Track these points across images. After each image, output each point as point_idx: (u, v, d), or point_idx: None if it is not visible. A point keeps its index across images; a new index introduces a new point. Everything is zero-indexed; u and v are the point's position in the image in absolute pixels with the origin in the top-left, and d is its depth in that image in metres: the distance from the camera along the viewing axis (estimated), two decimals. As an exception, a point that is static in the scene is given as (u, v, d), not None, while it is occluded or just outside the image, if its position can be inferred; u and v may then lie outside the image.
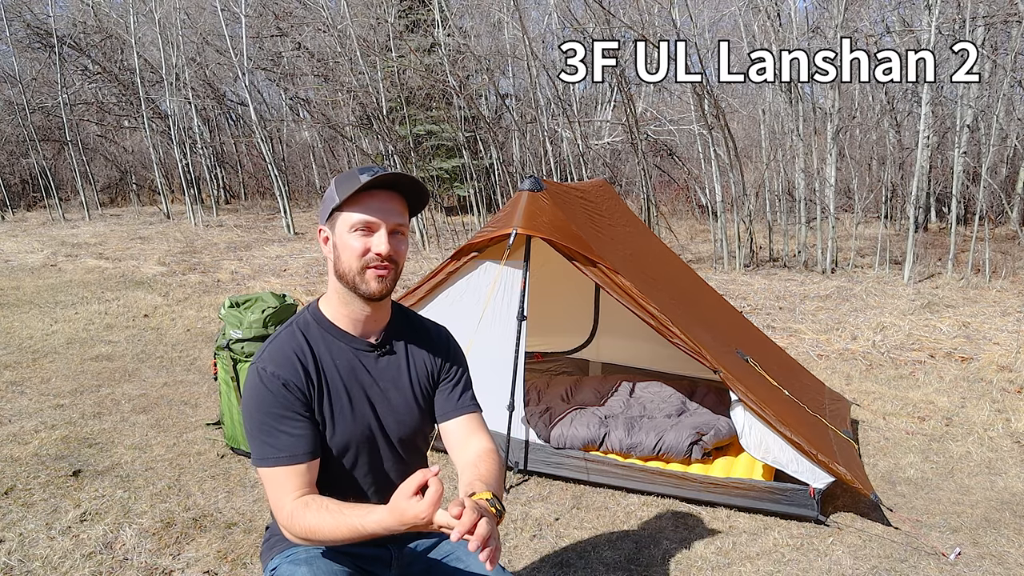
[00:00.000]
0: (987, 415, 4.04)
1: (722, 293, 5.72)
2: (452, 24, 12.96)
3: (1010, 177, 11.52)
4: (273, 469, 1.31)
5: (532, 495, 3.11)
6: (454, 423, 1.52)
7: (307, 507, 1.27)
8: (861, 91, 13.17)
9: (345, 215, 1.36)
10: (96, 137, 19.59)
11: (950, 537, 2.77)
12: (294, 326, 1.44)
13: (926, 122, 8.74)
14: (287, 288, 7.69)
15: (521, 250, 3.18)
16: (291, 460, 1.31)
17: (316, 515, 1.25)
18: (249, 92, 14.23)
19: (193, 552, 2.61)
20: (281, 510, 1.30)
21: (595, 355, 4.61)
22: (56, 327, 6.04)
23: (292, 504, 1.29)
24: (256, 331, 3.31)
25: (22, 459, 3.39)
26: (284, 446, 1.31)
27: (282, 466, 1.31)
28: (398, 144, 12.50)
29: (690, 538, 2.75)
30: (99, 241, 11.66)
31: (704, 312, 3.64)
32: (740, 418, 2.95)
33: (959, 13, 9.01)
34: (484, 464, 1.42)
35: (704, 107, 9.11)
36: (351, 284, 1.38)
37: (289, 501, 1.29)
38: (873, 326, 6.00)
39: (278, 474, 1.31)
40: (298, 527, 1.27)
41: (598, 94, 16.53)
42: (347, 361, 1.43)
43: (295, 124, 19.98)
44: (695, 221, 13.18)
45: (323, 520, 1.24)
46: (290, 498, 1.30)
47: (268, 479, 1.32)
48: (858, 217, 10.70)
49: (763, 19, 10.38)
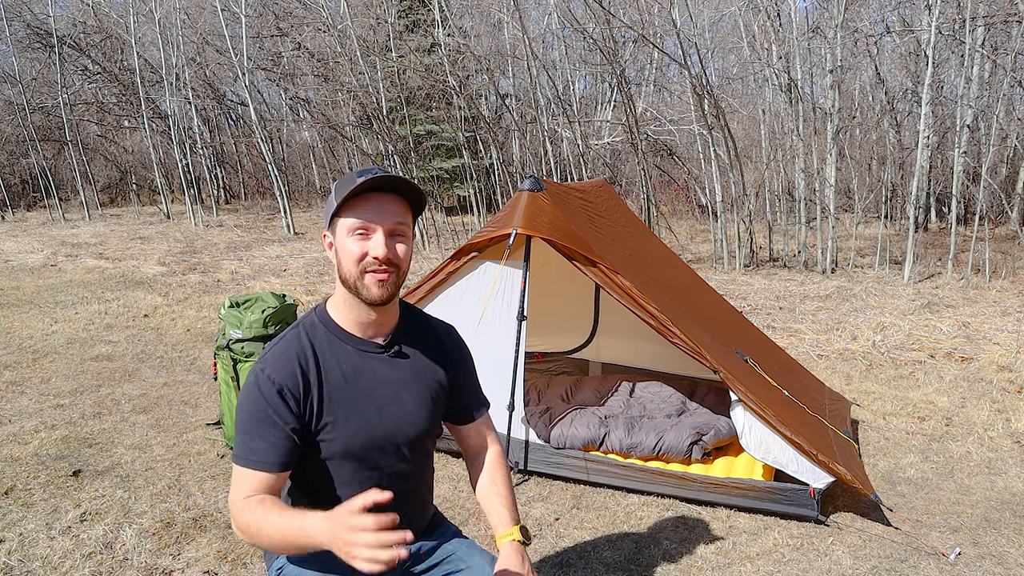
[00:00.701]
0: (987, 415, 4.04)
1: (722, 293, 5.72)
2: (452, 24, 12.97)
3: (1010, 177, 11.51)
4: (242, 469, 1.33)
5: (532, 495, 3.11)
6: (470, 427, 1.63)
7: (259, 504, 1.28)
8: (861, 91, 13.17)
9: (343, 219, 1.36)
10: (96, 137, 19.59)
11: (950, 537, 2.77)
12: (300, 328, 1.43)
13: (926, 122, 8.74)
14: (287, 288, 7.69)
15: (521, 250, 3.18)
16: (261, 466, 1.32)
17: (261, 512, 1.26)
18: (249, 92, 14.22)
19: (193, 552, 2.61)
20: (235, 502, 1.32)
21: (595, 355, 4.61)
22: (56, 327, 6.04)
23: (244, 500, 1.30)
24: (256, 331, 3.31)
25: (22, 459, 3.39)
26: (259, 450, 1.33)
27: (251, 469, 1.32)
28: (398, 144, 12.50)
29: (690, 538, 2.75)
30: (99, 241, 11.66)
31: (704, 312, 3.64)
32: (740, 418, 2.95)
33: (959, 13, 9.01)
34: (499, 476, 1.59)
35: (704, 107, 9.11)
36: (353, 289, 1.38)
37: (243, 497, 1.32)
38: (873, 326, 6.00)
39: (245, 474, 1.33)
40: (241, 519, 1.28)
41: (598, 94, 16.55)
42: (353, 364, 1.43)
43: (295, 124, 19.98)
44: (695, 221, 13.18)
45: (265, 518, 1.25)
46: (245, 495, 1.32)
47: (236, 474, 1.35)
48: (858, 217, 10.70)
49: (763, 19, 10.38)
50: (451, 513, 2.93)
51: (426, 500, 1.61)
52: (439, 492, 3.07)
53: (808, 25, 10.88)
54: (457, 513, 2.94)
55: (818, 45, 10.95)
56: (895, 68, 13.61)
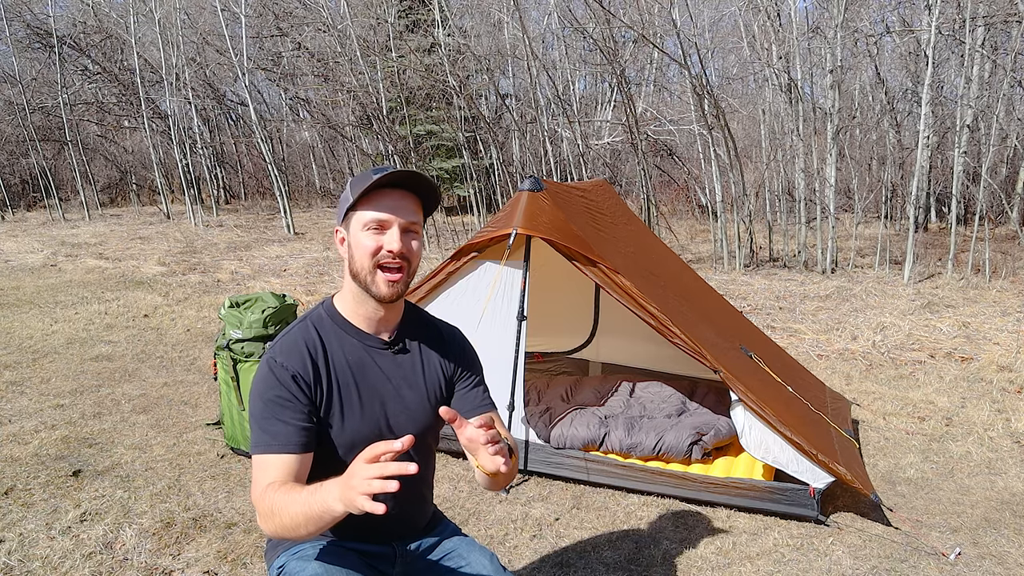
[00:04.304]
0: (987, 415, 4.04)
1: (722, 293, 5.72)
2: (452, 24, 12.97)
3: (1010, 177, 11.51)
4: (263, 456, 1.32)
5: (532, 495, 3.11)
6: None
7: (281, 486, 1.26)
8: (861, 91, 13.18)
9: (359, 214, 1.37)
10: (96, 137, 19.59)
11: (950, 537, 2.77)
12: (308, 321, 1.45)
13: (926, 122, 8.74)
14: (287, 288, 7.69)
15: (521, 250, 3.18)
16: (282, 449, 1.31)
17: (283, 495, 1.23)
18: (249, 92, 14.23)
19: (193, 552, 2.61)
20: (256, 490, 1.30)
21: (595, 355, 4.61)
22: (56, 327, 6.04)
23: (266, 487, 1.28)
24: (256, 331, 3.31)
25: (22, 459, 3.39)
26: (279, 433, 1.32)
27: (272, 454, 1.31)
28: (398, 144, 12.50)
29: (690, 538, 2.75)
30: (99, 241, 11.66)
31: (707, 310, 3.64)
32: (740, 418, 2.95)
33: (959, 13, 9.01)
34: None
35: (704, 107, 9.11)
36: (364, 284, 1.38)
37: (265, 483, 1.29)
38: (873, 326, 6.00)
39: (266, 461, 1.31)
40: (263, 505, 1.26)
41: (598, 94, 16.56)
42: (359, 357, 1.44)
43: (295, 124, 19.99)
44: (695, 221, 13.17)
45: (286, 498, 1.22)
46: (268, 482, 1.29)
47: (256, 465, 1.33)
48: (858, 217, 10.69)
49: (763, 19, 10.39)
50: (451, 513, 2.93)
51: (426, 497, 1.62)
52: (439, 492, 3.07)
53: (808, 25, 10.88)
54: (457, 513, 2.94)
55: (818, 45, 10.95)
56: (895, 68, 13.62)
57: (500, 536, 2.77)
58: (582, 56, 15.73)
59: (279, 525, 1.23)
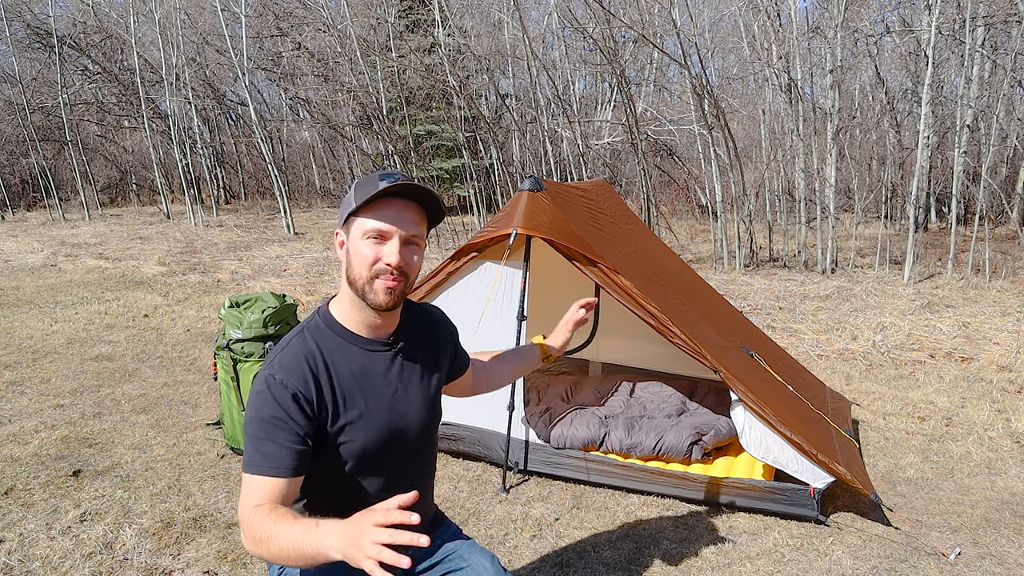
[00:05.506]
0: (987, 415, 4.04)
1: (722, 293, 5.72)
2: (452, 24, 12.97)
3: (1010, 177, 11.51)
4: (255, 476, 1.30)
5: (532, 495, 3.11)
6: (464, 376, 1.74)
7: (271, 512, 1.23)
8: (861, 91, 13.18)
9: (360, 221, 1.34)
10: (96, 137, 19.60)
11: (950, 537, 2.77)
12: (305, 332, 1.42)
13: (926, 122, 8.74)
14: (287, 288, 7.69)
15: (521, 250, 3.18)
16: (273, 472, 1.29)
17: (272, 522, 1.20)
18: (249, 92, 14.22)
19: (193, 552, 2.61)
20: (244, 509, 1.28)
21: (595, 355, 4.60)
22: (56, 327, 6.04)
23: (255, 509, 1.26)
24: (256, 331, 3.31)
25: (22, 459, 3.39)
26: (271, 455, 1.30)
27: (262, 475, 1.29)
28: (398, 144, 12.51)
29: (690, 538, 2.75)
30: (99, 241, 11.67)
31: (708, 309, 3.64)
32: (740, 418, 2.95)
33: (959, 13, 9.01)
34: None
35: (704, 107, 9.11)
36: (360, 292, 1.36)
37: (254, 505, 1.27)
38: (873, 326, 6.00)
39: (256, 482, 1.29)
40: (251, 530, 1.23)
41: (598, 94, 16.55)
42: (360, 364, 1.42)
43: (295, 124, 19.99)
44: (695, 221, 13.18)
45: (276, 528, 1.19)
46: (256, 504, 1.27)
47: (246, 485, 1.31)
48: (858, 217, 10.69)
49: (763, 19, 10.39)
50: (451, 513, 2.93)
51: (428, 497, 1.63)
52: (439, 492, 3.07)
53: (808, 25, 10.88)
54: (457, 513, 2.94)
55: (818, 45, 10.95)
56: (895, 68, 13.62)
57: (500, 536, 2.77)
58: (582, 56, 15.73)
59: (267, 552, 1.21)
